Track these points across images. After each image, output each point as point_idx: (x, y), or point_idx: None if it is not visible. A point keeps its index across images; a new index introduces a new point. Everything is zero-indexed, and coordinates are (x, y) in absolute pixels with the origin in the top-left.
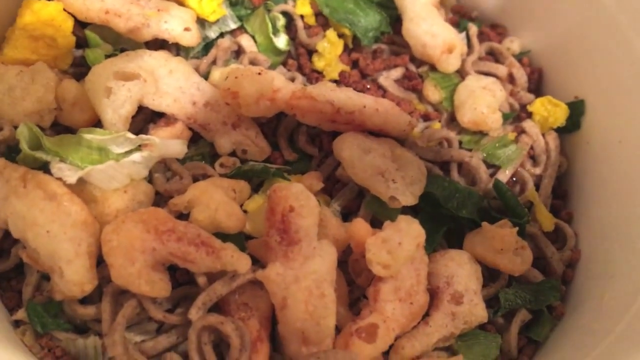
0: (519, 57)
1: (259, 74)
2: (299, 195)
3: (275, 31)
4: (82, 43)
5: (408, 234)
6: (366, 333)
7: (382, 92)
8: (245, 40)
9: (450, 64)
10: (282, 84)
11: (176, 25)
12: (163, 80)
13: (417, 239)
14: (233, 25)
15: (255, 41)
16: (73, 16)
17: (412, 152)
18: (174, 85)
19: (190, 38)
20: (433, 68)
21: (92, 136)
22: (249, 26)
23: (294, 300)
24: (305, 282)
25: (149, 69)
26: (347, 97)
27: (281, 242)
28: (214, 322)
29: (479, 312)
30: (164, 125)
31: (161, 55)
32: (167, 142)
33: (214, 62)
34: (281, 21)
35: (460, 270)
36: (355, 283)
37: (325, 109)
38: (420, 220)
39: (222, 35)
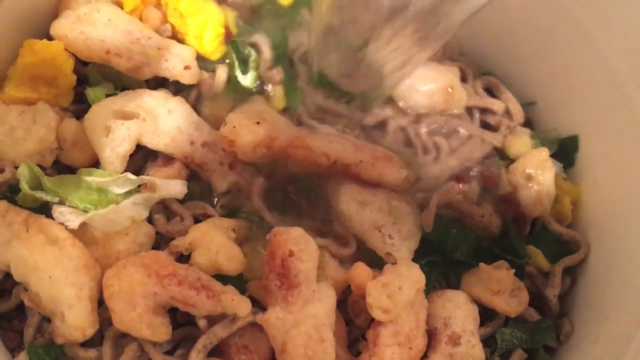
0: None
1: (258, 123)
2: (299, 240)
3: (245, 69)
4: (83, 80)
5: (408, 278)
6: None
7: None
8: (221, 72)
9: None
10: (281, 131)
11: (177, 64)
12: (162, 119)
13: (417, 284)
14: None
15: None
16: (74, 55)
17: (410, 203)
18: (172, 125)
19: (191, 76)
20: None
21: (92, 178)
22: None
23: (294, 344)
24: (305, 326)
25: (148, 108)
26: (344, 150)
27: (281, 287)
28: None
29: (476, 353)
30: (162, 166)
31: (160, 95)
32: (168, 183)
33: (200, 97)
34: (253, 57)
35: (458, 312)
36: (354, 323)
37: (321, 161)
38: (415, 260)
39: None
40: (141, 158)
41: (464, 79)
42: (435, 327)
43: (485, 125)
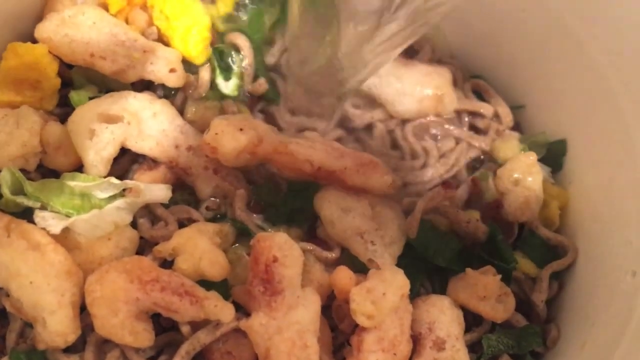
0: None
1: (241, 129)
2: (283, 245)
3: (227, 75)
4: (68, 83)
5: (392, 284)
6: None
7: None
8: (204, 73)
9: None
10: (264, 137)
11: (162, 67)
12: (147, 123)
13: (401, 290)
14: None
15: None
16: (59, 57)
17: (395, 208)
18: (157, 128)
19: (176, 79)
20: None
21: (76, 183)
22: None
23: (277, 351)
24: (288, 332)
25: (133, 111)
26: (328, 156)
27: (265, 292)
28: None
29: (460, 358)
30: (147, 170)
31: (145, 98)
32: (152, 187)
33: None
34: (236, 63)
35: (442, 316)
36: (339, 328)
37: (304, 167)
38: (399, 264)
39: None
40: (126, 162)
41: (454, 82)
42: (420, 332)
43: (473, 129)
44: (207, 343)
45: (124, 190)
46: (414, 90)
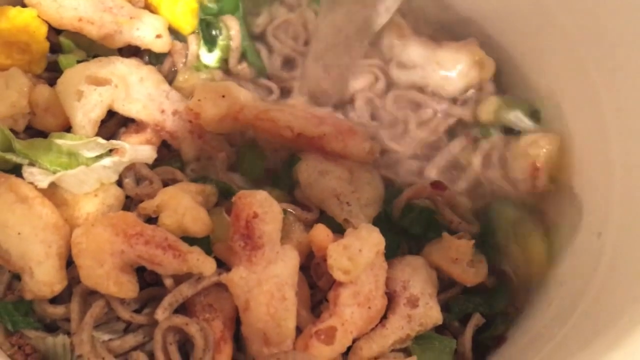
0: None
1: (223, 96)
2: (263, 202)
3: (211, 47)
4: (56, 48)
5: (368, 241)
6: (325, 335)
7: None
8: (192, 42)
9: None
10: (246, 103)
11: (148, 32)
12: (133, 87)
13: (376, 247)
14: None
15: None
16: (47, 23)
17: (372, 173)
18: (143, 93)
19: (162, 45)
20: None
21: (64, 141)
22: None
23: (256, 302)
24: (267, 285)
25: (121, 75)
26: (307, 123)
27: (245, 247)
28: (179, 323)
29: (433, 314)
30: (134, 132)
31: (132, 63)
32: (137, 148)
33: (174, 67)
34: (223, 36)
35: (416, 275)
36: (318, 287)
37: (285, 133)
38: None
39: None
40: (114, 124)
41: None
42: (395, 290)
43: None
44: (189, 296)
45: (110, 150)
46: (456, 68)
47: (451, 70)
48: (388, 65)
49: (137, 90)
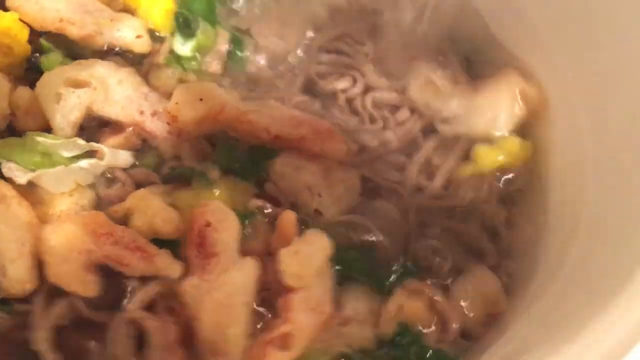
0: None
1: (201, 99)
2: (216, 212)
3: (187, 35)
4: (37, 49)
5: (318, 246)
6: (281, 342)
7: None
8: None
9: None
10: (225, 104)
11: (128, 33)
12: (113, 89)
13: (325, 250)
14: None
15: None
16: (29, 25)
17: (349, 172)
18: (122, 95)
19: (142, 44)
20: None
21: (44, 139)
22: None
23: (204, 310)
24: (217, 293)
25: (100, 77)
26: (284, 125)
27: (198, 256)
28: (139, 317)
29: (365, 337)
30: (112, 134)
31: (111, 65)
32: (116, 152)
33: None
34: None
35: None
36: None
37: (262, 136)
38: None
39: None
40: (95, 127)
41: None
42: None
43: None
44: (151, 296)
45: (88, 152)
46: (502, 107)
47: (498, 111)
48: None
49: (116, 92)
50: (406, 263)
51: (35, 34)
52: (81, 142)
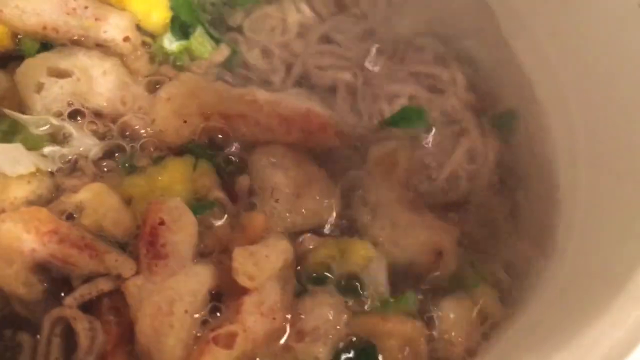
0: None
1: (185, 122)
2: (173, 210)
3: (179, 37)
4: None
5: (276, 248)
6: (224, 340)
7: None
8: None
9: None
10: (211, 107)
11: (116, 35)
12: (96, 80)
13: (284, 254)
14: None
15: None
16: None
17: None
18: (106, 87)
19: (130, 47)
20: None
21: (11, 112)
22: None
23: (143, 314)
24: (159, 297)
25: (83, 67)
26: (275, 131)
27: (147, 254)
28: (68, 314)
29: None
30: (94, 122)
31: (96, 55)
32: (84, 141)
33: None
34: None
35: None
36: None
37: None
38: None
39: None
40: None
41: None
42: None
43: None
44: (105, 290)
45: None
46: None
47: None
48: None
49: (100, 84)
50: None
51: None
52: (54, 120)
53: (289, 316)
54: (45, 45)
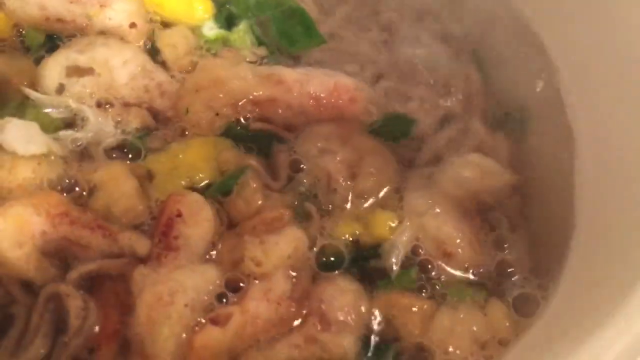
0: None
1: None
2: (193, 204)
3: (221, 26)
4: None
5: (288, 236)
6: (222, 321)
7: None
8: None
9: None
10: (240, 93)
11: (121, 21)
12: (117, 71)
13: (295, 241)
14: None
15: None
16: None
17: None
18: (128, 76)
19: (137, 35)
20: None
21: (34, 93)
22: None
23: (142, 301)
24: (161, 286)
25: (103, 60)
26: (304, 113)
27: (158, 244)
28: (62, 291)
29: (343, 346)
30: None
31: (115, 44)
32: (101, 128)
33: None
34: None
35: (340, 297)
36: None
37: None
38: None
39: None
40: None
41: None
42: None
43: None
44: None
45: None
46: None
47: None
48: None
49: (121, 75)
50: None
51: None
52: (73, 103)
53: (305, 304)
54: (51, 37)
